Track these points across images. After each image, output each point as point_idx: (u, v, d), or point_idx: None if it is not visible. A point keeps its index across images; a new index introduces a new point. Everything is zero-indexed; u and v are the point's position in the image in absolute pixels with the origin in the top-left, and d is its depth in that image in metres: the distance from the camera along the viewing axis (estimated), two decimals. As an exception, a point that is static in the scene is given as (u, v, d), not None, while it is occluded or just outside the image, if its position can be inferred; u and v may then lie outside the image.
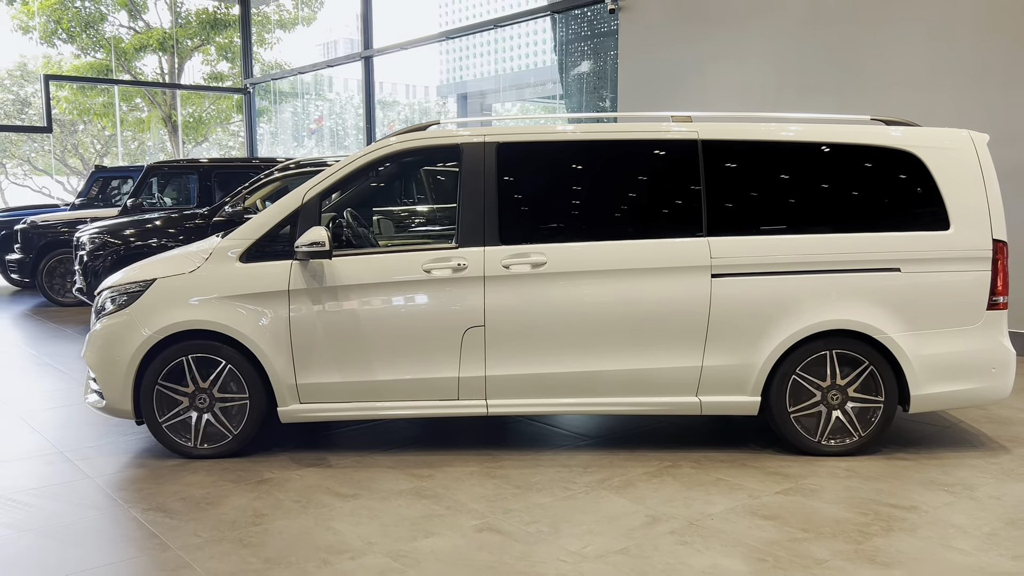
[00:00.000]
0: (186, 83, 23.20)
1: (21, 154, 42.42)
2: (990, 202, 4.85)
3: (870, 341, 4.81)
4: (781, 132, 4.97)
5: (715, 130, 4.95)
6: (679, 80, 10.26)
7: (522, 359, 4.83)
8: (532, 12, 12.21)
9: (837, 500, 4.20)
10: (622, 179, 5.03)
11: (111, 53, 21.80)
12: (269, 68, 23.00)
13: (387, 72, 41.98)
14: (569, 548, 3.66)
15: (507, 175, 4.91)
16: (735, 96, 9.68)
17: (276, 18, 23.21)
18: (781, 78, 9.32)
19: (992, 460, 4.80)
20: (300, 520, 4.01)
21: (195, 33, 22.29)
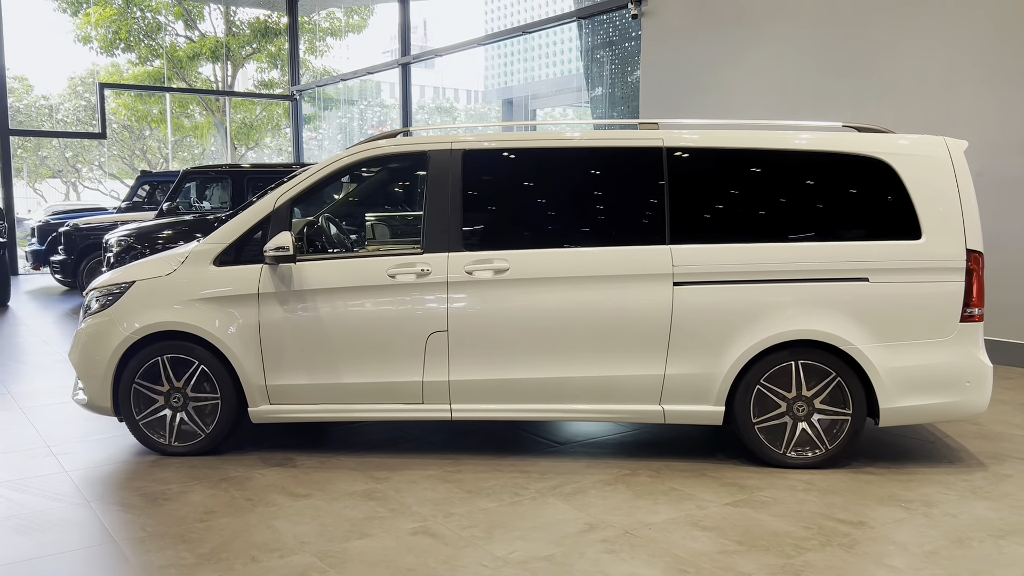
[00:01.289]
0: (239, 90, 23.82)
1: (91, 158, 44.12)
2: (964, 211, 4.71)
3: (837, 352, 4.71)
4: (748, 139, 4.90)
5: (680, 137, 4.91)
6: (700, 85, 10.17)
7: (485, 364, 4.86)
8: (559, 18, 12.23)
9: (785, 514, 4.13)
10: (586, 186, 5.04)
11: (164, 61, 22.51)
12: (319, 75, 23.48)
13: (439, 78, 42.41)
14: (495, 553, 3.68)
15: (472, 181, 4.96)
16: (755, 101, 9.55)
17: (326, 26, 23.65)
18: (799, 83, 9.16)
19: (964, 477, 4.65)
20: (246, 518, 4.11)
21: (247, 41, 22.88)
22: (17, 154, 45.54)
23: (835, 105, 8.81)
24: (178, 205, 11.96)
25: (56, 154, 46.10)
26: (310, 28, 23.02)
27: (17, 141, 43.73)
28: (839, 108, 8.75)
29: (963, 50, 7.85)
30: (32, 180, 47.80)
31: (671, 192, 4.82)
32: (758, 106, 9.52)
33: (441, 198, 4.92)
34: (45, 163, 47.07)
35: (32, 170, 46.78)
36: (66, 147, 43.06)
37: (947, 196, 4.72)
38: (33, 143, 44.36)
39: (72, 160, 44.68)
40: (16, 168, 46.40)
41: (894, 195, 4.74)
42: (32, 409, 6.22)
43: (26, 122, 41.84)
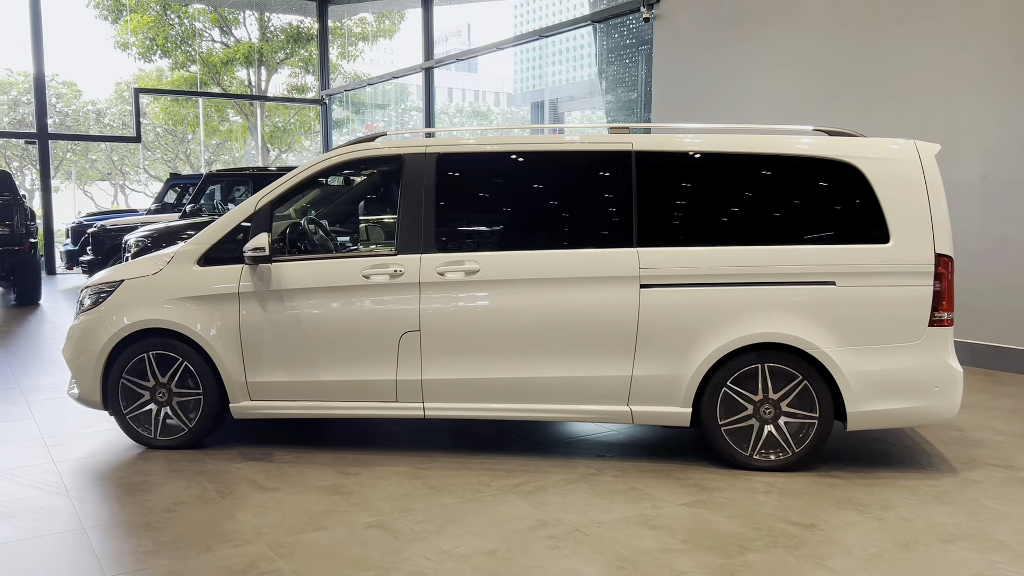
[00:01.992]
0: (272, 95, 24.25)
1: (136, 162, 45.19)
2: (934, 215, 4.69)
3: (803, 355, 4.72)
4: (717, 143, 4.93)
5: (649, 141, 4.96)
6: (710, 88, 10.16)
7: (456, 364, 4.96)
8: (574, 22, 12.29)
9: (738, 515, 4.15)
10: (556, 189, 5.11)
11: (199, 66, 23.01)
12: (351, 79, 23.80)
13: (476, 81, 42.49)
14: (442, 548, 3.77)
15: (446, 184, 5.06)
16: (763, 105, 9.52)
17: (358, 31, 23.98)
18: (806, 87, 9.12)
19: (930, 482, 4.63)
20: (212, 509, 4.26)
21: (281, 47, 23.30)
22: (67, 158, 46.90)
23: (840, 109, 8.75)
24: (201, 207, 12.26)
25: (104, 157, 47.34)
26: (342, 33, 23.36)
27: (66, 145, 45.05)
28: (844, 112, 8.69)
29: (968, 54, 7.75)
30: (82, 183, 49.14)
31: (639, 195, 4.87)
32: (766, 110, 9.49)
33: (415, 200, 5.03)
34: (95, 166, 48.36)
35: (81, 173, 48.09)
36: (112, 150, 44.21)
37: (916, 200, 4.70)
38: (82, 147, 45.60)
39: (119, 163, 45.81)
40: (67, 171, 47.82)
41: (862, 199, 4.74)
42: (37, 403, 6.46)
43: (74, 126, 43.06)
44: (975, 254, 7.65)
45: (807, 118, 9.00)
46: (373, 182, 6.78)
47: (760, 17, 9.56)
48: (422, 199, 5.02)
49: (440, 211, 5.02)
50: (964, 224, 7.77)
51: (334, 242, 6.04)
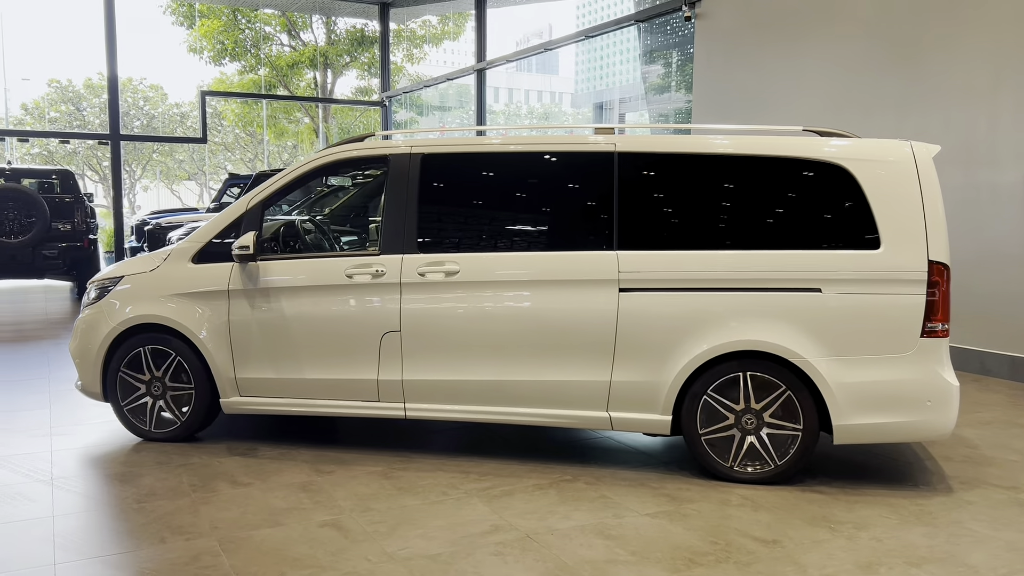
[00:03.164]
0: (337, 97, 24.71)
1: (217, 162, 46.69)
2: (928, 220, 4.45)
3: (787, 365, 4.54)
4: (701, 144, 4.79)
5: (632, 142, 4.85)
6: (750, 88, 9.91)
7: (436, 365, 4.94)
8: (618, 22, 12.13)
9: (701, 527, 4.02)
10: (538, 190, 5.04)
11: (261, 69, 23.59)
12: (416, 81, 24.06)
13: (542, 81, 42.35)
14: (386, 549, 3.75)
15: (429, 185, 5.05)
16: (801, 105, 9.23)
17: (422, 33, 24.23)
18: (846, 88, 8.80)
19: (919, 501, 4.39)
20: (180, 502, 4.34)
21: (345, 50, 23.72)
22: (154, 158, 48.83)
23: (880, 110, 8.42)
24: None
25: (188, 158, 49.13)
26: (407, 36, 23.66)
27: (153, 146, 46.91)
28: (883, 113, 8.36)
29: (1010, 55, 7.35)
30: (169, 182, 51.12)
31: (620, 197, 4.77)
32: (804, 109, 9.20)
33: (399, 200, 5.04)
34: (182, 166, 50.25)
35: (168, 172, 50.00)
36: (194, 151, 45.84)
37: (910, 204, 4.47)
38: (167, 148, 47.43)
39: (200, 164, 47.44)
40: (153, 170, 49.77)
41: (851, 202, 4.54)
42: (59, 393, 6.70)
43: (160, 128, 44.81)
44: (1018, 260, 7.26)
45: (845, 118, 8.69)
46: (378, 182, 6.82)
47: (800, 15, 9.27)
48: (405, 199, 5.02)
49: (423, 211, 5.02)
50: (1006, 229, 7.38)
51: (330, 241, 6.09)
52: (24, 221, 12.22)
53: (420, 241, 4.98)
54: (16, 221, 12.19)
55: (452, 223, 5.13)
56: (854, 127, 8.49)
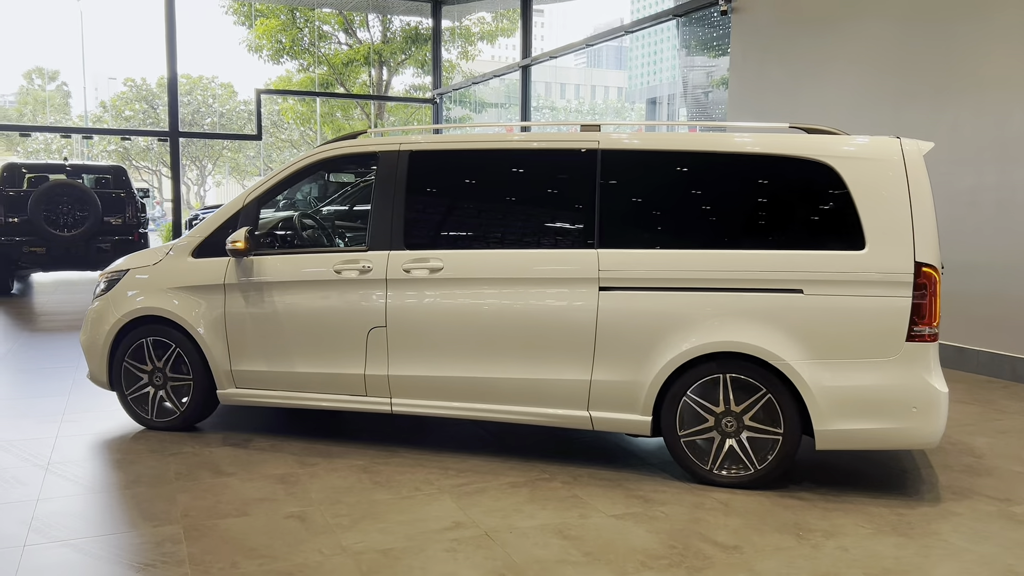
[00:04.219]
0: (391, 95, 24.97)
1: (283, 158, 47.68)
2: (916, 221, 4.29)
3: (768, 367, 4.44)
4: (684, 141, 4.71)
5: (616, 139, 4.79)
6: (785, 83, 9.68)
7: (421, 361, 4.97)
8: (656, 17, 11.98)
9: (664, 531, 3.96)
10: (522, 187, 5.02)
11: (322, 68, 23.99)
12: (469, 78, 24.18)
13: (594, 76, 42.13)
14: (342, 543, 3.80)
15: (416, 182, 5.08)
16: (838, 100, 8.98)
17: (477, 30, 24.32)
18: (880, 83, 8.53)
19: (901, 511, 4.24)
20: (160, 490, 4.46)
21: (400, 48, 23.96)
22: (224, 154, 50.20)
23: (914, 105, 8.13)
24: (289, 201, 12.82)
25: (257, 154, 50.32)
26: (461, 33, 23.78)
27: (223, 143, 48.19)
28: (918, 108, 8.08)
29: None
30: (240, 177, 52.49)
31: (602, 195, 4.72)
32: (838, 105, 8.95)
33: (386, 197, 5.08)
34: (253, 162, 51.52)
35: (239, 168, 51.33)
36: (260, 146, 46.94)
37: (897, 204, 4.32)
38: (236, 145, 48.67)
39: (268, 160, 48.54)
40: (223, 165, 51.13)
41: (836, 201, 4.40)
42: (81, 382, 6.94)
43: (228, 125, 46.03)
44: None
45: (878, 113, 8.43)
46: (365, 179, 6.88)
47: (833, 9, 9.02)
48: (393, 196, 5.06)
49: (409, 208, 5.05)
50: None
51: (329, 237, 6.16)
52: (77, 215, 12.69)
53: (406, 238, 5.01)
54: (70, 215, 12.67)
55: (438, 220, 5.15)
56: (886, 122, 8.24)
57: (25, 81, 55.07)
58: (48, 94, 54.63)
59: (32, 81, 54.87)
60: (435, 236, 5.06)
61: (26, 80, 55.02)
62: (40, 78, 55.02)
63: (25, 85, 54.88)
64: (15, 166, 13.42)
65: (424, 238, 5.04)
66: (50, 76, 55.10)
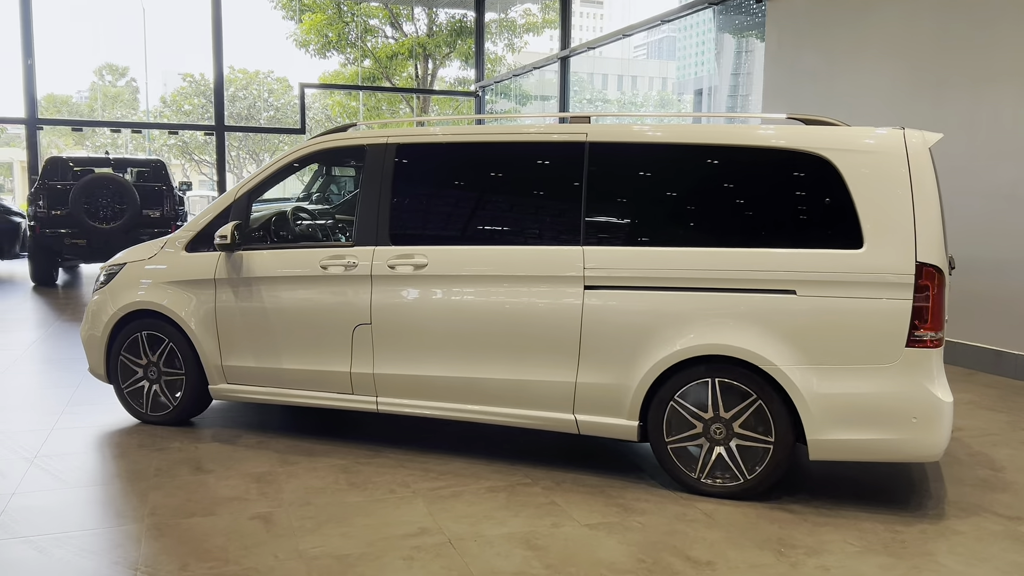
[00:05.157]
0: (436, 88, 24.94)
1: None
2: (918, 218, 4.01)
3: (759, 372, 4.20)
4: (675, 133, 4.48)
5: (604, 131, 4.59)
6: (820, 73, 9.31)
7: (406, 360, 4.85)
8: (692, 5, 11.64)
9: (637, 543, 3.77)
10: (509, 182, 4.86)
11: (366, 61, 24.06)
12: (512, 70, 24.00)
13: (639, 67, 41.48)
14: (299, 547, 3.69)
15: (402, 176, 4.95)
16: (874, 90, 8.59)
17: (523, 22, 24.12)
18: (918, 69, 8.12)
19: (898, 527, 3.98)
20: (135, 486, 4.43)
21: (444, 41, 23.90)
22: (281, 148, 50.83)
23: (953, 94, 7.72)
24: (321, 194, 12.83)
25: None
26: (507, 25, 23.61)
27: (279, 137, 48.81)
28: (957, 97, 7.66)
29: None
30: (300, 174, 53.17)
31: (588, 189, 4.53)
32: (874, 94, 8.56)
33: (373, 191, 4.97)
34: (309, 157, 52.06)
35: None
36: (309, 141, 47.63)
37: (898, 200, 4.04)
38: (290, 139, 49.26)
39: (319, 154, 49.13)
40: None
41: (832, 196, 4.14)
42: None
43: (282, 119, 46.60)
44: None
45: (916, 103, 8.03)
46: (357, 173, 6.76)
47: (872, -7, 8.63)
48: (379, 190, 4.95)
49: (395, 202, 4.93)
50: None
51: (325, 232, 6.07)
52: (116, 208, 12.90)
53: (392, 233, 4.89)
54: (109, 208, 12.88)
55: (424, 215, 5.02)
56: (923, 112, 7.85)
57: (96, 77, 56.65)
58: (118, 90, 56.08)
59: (103, 77, 56.41)
60: (421, 231, 4.93)
61: (97, 76, 56.60)
62: (111, 74, 56.52)
63: (96, 81, 56.47)
64: (58, 160, 13.70)
65: (410, 233, 4.92)
66: (120, 72, 56.55)
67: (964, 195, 7.61)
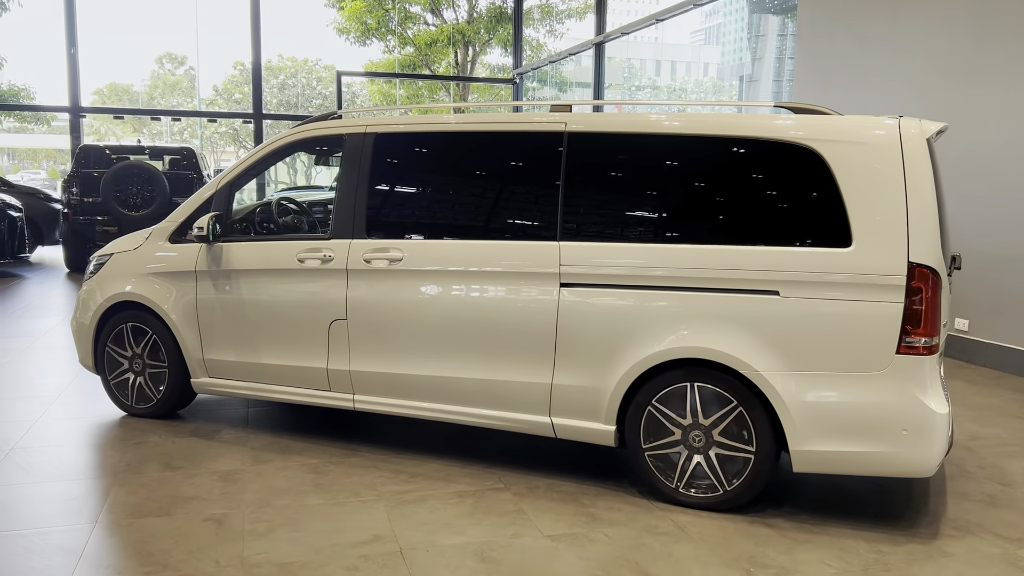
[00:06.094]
0: (476, 75, 24.75)
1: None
2: (912, 215, 3.70)
3: (739, 377, 3.95)
4: (655, 123, 4.22)
5: (583, 120, 4.36)
6: (852, 57, 8.89)
7: (381, 357, 4.70)
8: (723, -11, 11.26)
9: (598, 557, 3.56)
10: (486, 173, 4.65)
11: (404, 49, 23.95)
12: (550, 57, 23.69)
13: (681, 53, 40.66)
14: (244, 553, 3.57)
15: (380, 166, 4.79)
16: (908, 75, 8.16)
17: (564, 7, 23.78)
18: (951, 55, 7.68)
19: (881, 548, 3.70)
20: (101, 482, 4.35)
21: (484, 27, 23.67)
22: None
23: (990, 80, 7.27)
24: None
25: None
26: (548, 11, 23.29)
27: (327, 124, 49.14)
28: (994, 83, 7.22)
29: None
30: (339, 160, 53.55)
31: (566, 181, 4.31)
32: (908, 79, 8.13)
33: (350, 182, 4.81)
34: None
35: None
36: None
37: (891, 195, 3.74)
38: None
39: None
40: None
41: (820, 191, 3.85)
42: (95, 363, 7.00)
43: (331, 107, 46.89)
44: None
45: (951, 89, 7.60)
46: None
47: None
48: (356, 181, 4.79)
49: (372, 194, 4.77)
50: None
51: (311, 224, 5.94)
52: (146, 195, 13.01)
53: (369, 226, 4.74)
54: (139, 196, 13.00)
55: (401, 207, 4.85)
56: (959, 96, 7.44)
57: (157, 66, 57.66)
58: (176, 78, 57.02)
59: (163, 65, 57.35)
60: (397, 224, 4.76)
61: (157, 65, 57.60)
62: (171, 63, 57.46)
63: (156, 70, 57.47)
64: (91, 148, 13.87)
65: (386, 226, 4.75)
66: (179, 61, 57.47)
67: (999, 186, 7.18)
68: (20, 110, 31.69)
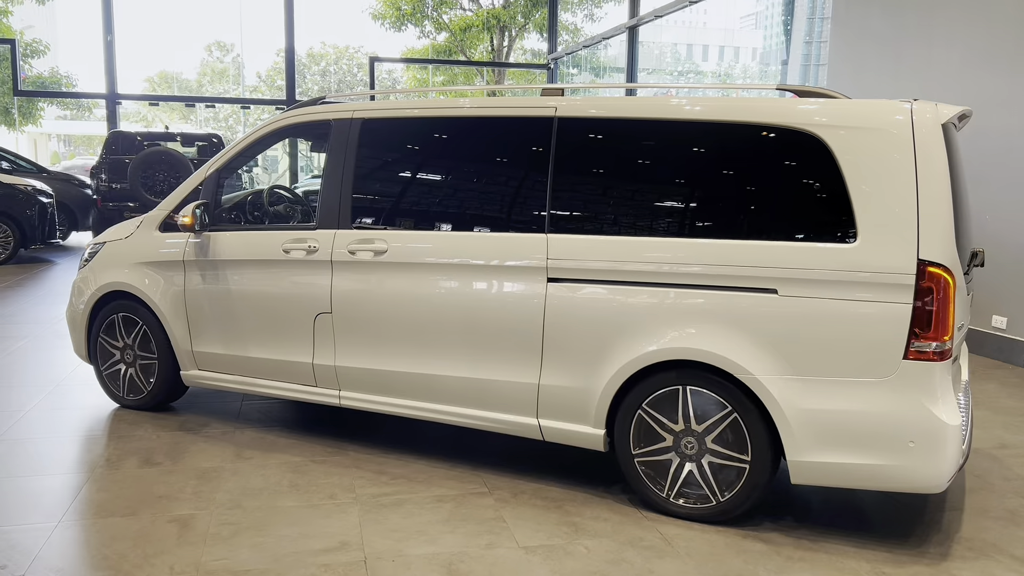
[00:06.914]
0: (511, 61, 24.44)
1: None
2: (923, 208, 3.39)
3: (733, 381, 3.68)
4: (647, 107, 3.94)
5: (574, 105, 4.10)
6: (887, 38, 8.46)
7: (366, 352, 4.52)
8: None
9: (571, 572, 3.33)
10: (473, 161, 4.41)
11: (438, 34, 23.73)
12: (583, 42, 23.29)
13: (724, 37, 39.69)
14: (201, 558, 3.41)
15: (366, 154, 4.59)
16: (945, 60, 7.73)
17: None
18: (991, 42, 7.24)
19: (883, 569, 3.41)
20: (78, 477, 4.24)
21: (521, 12, 23.33)
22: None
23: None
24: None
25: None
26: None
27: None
28: None
29: None
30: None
31: (556, 171, 4.06)
32: (941, 65, 7.70)
33: (337, 170, 4.62)
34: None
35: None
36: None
37: (900, 186, 3.43)
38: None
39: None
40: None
41: (824, 182, 3.56)
42: (101, 351, 6.94)
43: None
44: None
45: (993, 74, 7.16)
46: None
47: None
48: (343, 169, 4.60)
49: (358, 183, 4.57)
50: None
51: (305, 213, 5.76)
52: (172, 181, 13.01)
53: (354, 216, 4.54)
54: (165, 182, 13.01)
55: (387, 197, 4.64)
56: (1000, 83, 7.00)
57: (206, 54, 58.34)
58: (224, 66, 57.62)
59: (211, 53, 57.97)
60: (383, 214, 4.56)
61: (206, 52, 58.29)
62: (219, 51, 58.06)
63: (205, 58, 58.13)
64: (120, 135, 13.93)
65: (371, 216, 4.55)
66: (227, 48, 58.04)
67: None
68: (59, 97, 32.22)
